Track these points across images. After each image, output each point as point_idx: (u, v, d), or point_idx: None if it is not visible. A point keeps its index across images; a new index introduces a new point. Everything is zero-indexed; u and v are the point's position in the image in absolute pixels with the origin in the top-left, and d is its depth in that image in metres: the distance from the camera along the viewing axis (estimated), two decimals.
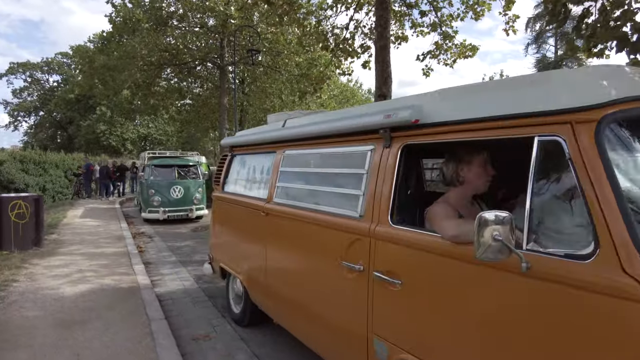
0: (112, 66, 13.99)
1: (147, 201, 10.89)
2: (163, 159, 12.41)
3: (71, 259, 6.39)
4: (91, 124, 36.79)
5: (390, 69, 7.34)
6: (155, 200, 10.76)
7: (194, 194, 11.40)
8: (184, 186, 11.25)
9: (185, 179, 11.56)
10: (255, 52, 15.01)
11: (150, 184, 11.04)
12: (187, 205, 11.22)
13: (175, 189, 11.04)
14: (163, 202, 10.89)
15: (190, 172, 11.89)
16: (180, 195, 11.09)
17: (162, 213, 10.74)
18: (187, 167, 12.04)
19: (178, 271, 6.09)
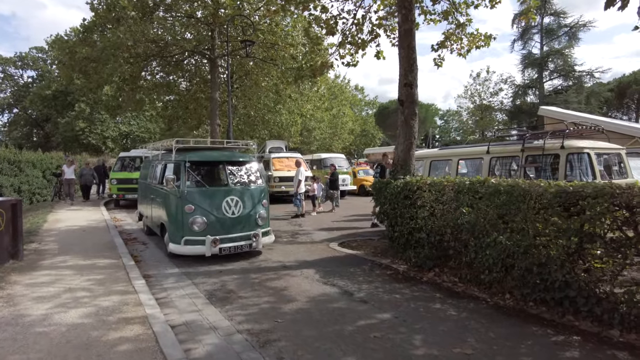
0: (95, 57, 12.87)
1: (182, 225, 6.54)
2: (204, 153, 7.66)
3: (57, 274, 5.48)
4: (70, 122, 35.11)
5: (416, 55, 6.65)
6: (197, 222, 6.47)
7: (257, 209, 7.08)
8: (243, 196, 6.94)
9: (242, 185, 7.21)
10: (250, 43, 14.13)
11: (187, 195, 6.58)
12: (250, 228, 6.90)
13: (230, 201, 6.73)
14: (212, 225, 6.55)
15: (248, 173, 7.52)
16: (238, 211, 6.80)
17: (212, 245, 6.40)
18: (242, 164, 7.57)
19: (184, 286, 5.27)
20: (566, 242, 4.14)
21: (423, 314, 4.34)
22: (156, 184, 7.89)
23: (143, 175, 9.74)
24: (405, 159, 6.56)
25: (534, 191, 4.41)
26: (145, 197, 8.92)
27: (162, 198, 7.27)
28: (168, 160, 7.48)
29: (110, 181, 14.69)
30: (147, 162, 9.57)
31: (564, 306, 4.17)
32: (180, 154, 7.14)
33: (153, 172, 8.47)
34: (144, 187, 9.29)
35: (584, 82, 35.57)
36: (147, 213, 8.77)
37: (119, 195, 14.47)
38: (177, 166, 6.99)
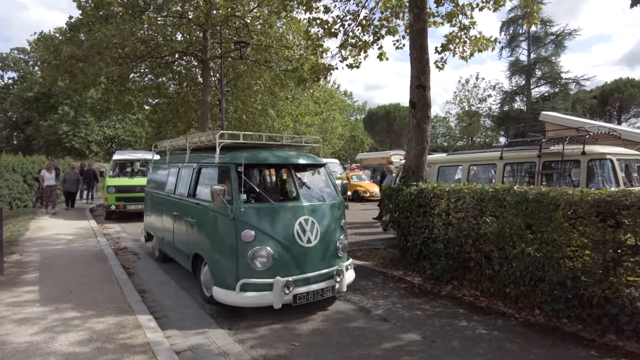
0: (81, 56, 12.27)
1: (237, 260, 4.31)
2: (261, 153, 5.08)
3: (43, 291, 4.96)
4: (52, 125, 34.01)
5: (429, 56, 6.35)
6: (262, 256, 4.29)
7: (337, 234, 4.89)
8: (320, 216, 4.73)
9: (317, 199, 4.98)
10: (244, 44, 13.72)
11: (245, 215, 4.36)
12: (330, 262, 4.70)
13: (304, 223, 4.54)
14: (281, 260, 4.37)
15: (320, 182, 5.36)
16: (315, 238, 4.57)
17: (284, 291, 4.19)
18: (313, 168, 5.40)
19: (185, 304, 4.81)
20: (604, 255, 3.85)
21: (451, 333, 3.99)
22: (185, 195, 5.41)
23: (153, 182, 7.29)
24: (418, 165, 6.24)
25: (567, 199, 4.11)
26: (159, 212, 6.57)
27: (199, 218, 4.89)
28: (204, 162, 5.23)
29: (105, 189, 12.08)
30: (159, 166, 7.29)
31: (603, 324, 3.86)
32: (225, 154, 4.82)
33: (176, 179, 6.02)
34: (156, 199, 6.81)
35: (569, 89, 36.30)
36: (163, 234, 6.38)
37: (120, 207, 11.88)
38: (223, 171, 4.73)
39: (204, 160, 5.29)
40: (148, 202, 7.41)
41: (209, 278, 4.66)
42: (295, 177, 5.00)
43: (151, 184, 7.40)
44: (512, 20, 32.61)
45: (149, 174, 7.71)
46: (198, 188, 5.23)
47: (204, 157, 5.37)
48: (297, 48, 15.85)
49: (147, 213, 7.41)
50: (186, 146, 5.81)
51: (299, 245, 4.42)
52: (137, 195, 11.29)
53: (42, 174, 13.00)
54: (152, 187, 7.28)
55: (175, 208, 5.72)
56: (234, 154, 4.78)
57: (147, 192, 7.49)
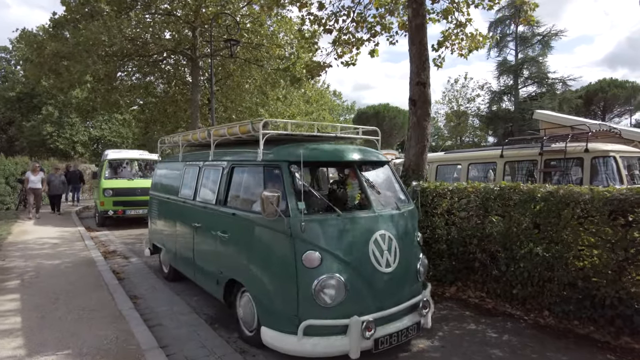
0: (66, 54, 11.87)
1: (297, 294, 3.15)
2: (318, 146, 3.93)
3: (27, 300, 4.68)
4: (36, 125, 33.16)
5: (429, 52, 6.22)
6: (331, 287, 3.12)
7: (417, 252, 3.85)
8: (397, 230, 3.58)
9: (390, 207, 3.75)
10: (234, 42, 13.46)
11: (308, 231, 3.19)
12: (412, 290, 3.63)
13: (381, 240, 3.39)
14: (356, 292, 3.20)
15: (390, 185, 4.14)
16: (395, 260, 3.43)
17: (363, 334, 3.04)
18: (381, 167, 4.19)
19: (180, 310, 4.57)
20: (617, 255, 3.74)
21: (460, 337, 3.84)
22: (211, 203, 4.22)
23: (161, 185, 5.99)
24: (418, 164, 6.09)
25: (578, 198, 4.00)
26: (171, 221, 5.39)
27: (237, 233, 3.77)
28: (240, 160, 4.08)
29: (100, 192, 10.71)
30: (169, 165, 5.94)
31: (617, 325, 3.75)
32: (270, 149, 3.64)
33: (195, 181, 4.76)
34: (166, 205, 5.57)
35: (556, 89, 36.88)
36: (176, 248, 5.19)
37: (118, 212, 10.63)
38: (270, 172, 3.61)
39: (239, 158, 4.11)
40: (154, 209, 6.08)
41: (251, 312, 3.54)
42: (363, 178, 3.73)
43: (158, 187, 6.06)
44: (500, 21, 32.92)
45: (155, 175, 6.45)
46: (231, 193, 4.05)
47: (237, 154, 4.20)
48: (288, 47, 15.65)
49: (154, 221, 6.09)
50: (209, 140, 4.54)
51: (377, 271, 3.27)
52: (138, 198, 10.50)
53: (26, 175, 12.19)
54: (160, 191, 5.93)
55: (197, 218, 4.48)
56: (283, 149, 3.63)
57: (153, 197, 6.15)
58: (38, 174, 12.30)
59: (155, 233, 6.10)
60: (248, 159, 3.96)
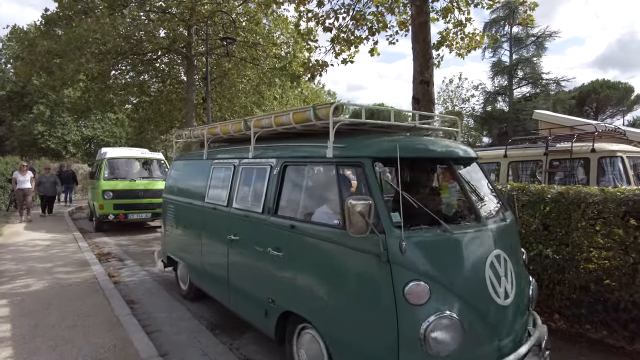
0: (58, 52, 11.62)
1: (396, 339, 2.25)
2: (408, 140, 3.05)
3: (18, 305, 4.49)
4: (27, 125, 32.68)
5: (432, 50, 6.11)
6: (445, 331, 2.25)
7: (526, 275, 3.08)
8: (509, 248, 2.77)
9: (494, 218, 2.87)
10: (230, 40, 13.29)
11: (410, 254, 2.31)
12: (526, 327, 2.79)
13: (496, 263, 2.56)
14: (472, 336, 2.33)
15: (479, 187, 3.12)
16: (512, 288, 2.61)
17: None
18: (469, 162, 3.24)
19: (180, 316, 4.40)
20: (631, 257, 3.65)
21: None
22: (257, 212, 3.32)
23: (179, 187, 5.11)
24: None
25: (589, 199, 3.90)
26: (194, 230, 4.49)
27: (301, 252, 2.92)
28: (298, 156, 3.18)
29: (99, 194, 9.70)
30: (189, 164, 5.03)
31: (630, 330, 3.66)
32: (341, 142, 2.78)
33: (230, 183, 3.84)
34: (187, 211, 4.68)
35: (550, 90, 37.17)
36: (202, 264, 4.25)
37: (120, 216, 9.76)
38: (348, 172, 2.92)
39: (295, 154, 3.18)
40: (170, 215, 5.15)
41: (317, 356, 2.73)
42: (463, 180, 2.87)
43: (175, 190, 5.14)
44: (494, 21, 33.04)
45: (170, 176, 5.49)
46: (285, 199, 3.14)
47: (291, 149, 3.27)
48: (285, 46, 15.51)
49: (169, 230, 5.19)
50: (248, 133, 3.64)
51: (495, 304, 2.46)
52: (141, 201, 9.90)
53: (14, 176, 11.54)
54: (177, 194, 5.02)
55: (233, 229, 3.59)
56: (363, 142, 2.77)
57: (169, 201, 5.22)
58: (26, 173, 11.62)
59: (171, 243, 5.17)
60: (310, 155, 3.02)
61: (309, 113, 2.91)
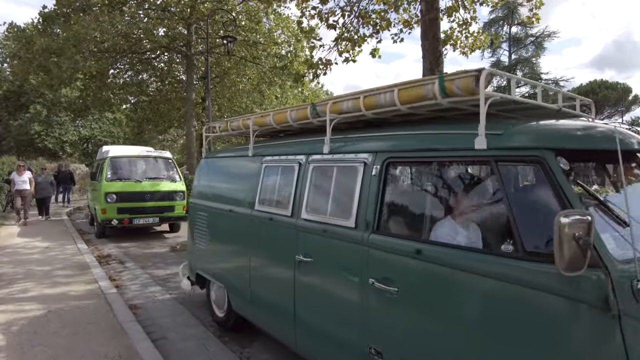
0: (56, 50, 11.43)
1: None
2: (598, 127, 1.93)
3: (18, 312, 4.31)
4: (23, 124, 32.41)
5: (442, 47, 5.97)
6: None
7: None
8: None
9: None
10: (231, 39, 13.12)
11: None
12: None
13: None
14: None
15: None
16: None
17: None
18: None
19: (185, 321, 4.23)
20: None
21: None
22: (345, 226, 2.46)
23: (213, 190, 4.29)
24: None
25: None
26: (240, 245, 3.62)
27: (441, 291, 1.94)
28: (415, 149, 2.26)
29: (102, 197, 8.77)
30: (229, 162, 4.18)
31: None
32: (497, 127, 1.87)
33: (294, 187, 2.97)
34: (230, 221, 3.76)
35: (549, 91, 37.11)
36: (253, 288, 3.38)
37: (124, 221, 8.84)
38: (518, 171, 2.15)
39: (410, 146, 2.28)
40: (202, 224, 4.23)
41: None
42: None
43: (208, 194, 4.28)
44: (493, 21, 33.02)
45: (200, 176, 4.59)
46: (394, 211, 2.36)
47: (395, 139, 2.40)
48: (286, 45, 15.36)
49: (200, 242, 4.24)
50: (318, 122, 2.87)
51: None
52: (147, 204, 9.12)
53: (12, 177, 10.99)
54: (212, 199, 4.14)
55: (303, 247, 2.76)
56: (534, 126, 1.89)
57: (200, 207, 4.32)
58: (24, 174, 10.98)
59: (202, 258, 4.22)
60: (441, 146, 2.09)
61: (430, 87, 2.05)
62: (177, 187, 9.62)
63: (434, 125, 2.32)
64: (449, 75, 1.99)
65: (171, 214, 9.43)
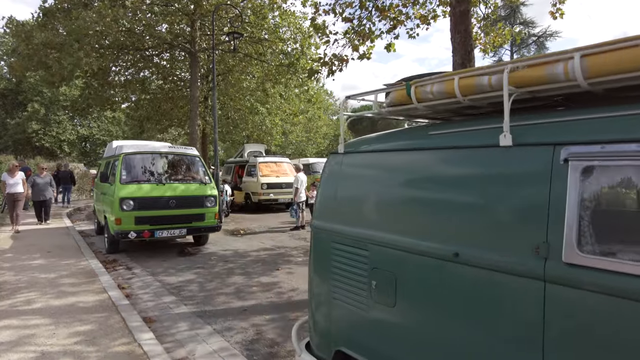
0: (57, 45, 11.00)
1: None
2: None
3: (23, 327, 3.92)
4: (21, 123, 31.94)
5: (473, 42, 5.62)
6: None
7: None
8: None
9: None
10: (237, 35, 12.74)
11: None
12: None
13: None
14: None
15: None
16: None
17: None
18: None
19: (203, 336, 3.86)
20: None
21: None
22: None
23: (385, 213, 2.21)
24: None
25: None
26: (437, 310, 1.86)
27: None
28: None
29: (116, 204, 7.10)
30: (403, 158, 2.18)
31: None
32: None
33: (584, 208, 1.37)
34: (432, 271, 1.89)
35: None
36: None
37: (144, 234, 7.16)
38: None
39: None
40: (343, 265, 2.34)
41: None
42: None
43: (355, 214, 2.36)
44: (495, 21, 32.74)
45: (331, 182, 2.59)
46: None
47: None
48: (292, 41, 14.98)
49: (353, 299, 2.26)
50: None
51: None
52: (172, 213, 7.47)
53: (2, 178, 9.75)
54: (363, 224, 2.28)
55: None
56: None
57: (350, 238, 2.32)
58: (17, 174, 9.66)
59: (346, 323, 2.33)
60: None
61: None
62: (207, 191, 7.97)
63: None
64: None
65: (201, 223, 7.80)
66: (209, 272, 6.30)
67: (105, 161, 9.25)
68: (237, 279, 5.91)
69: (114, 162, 8.03)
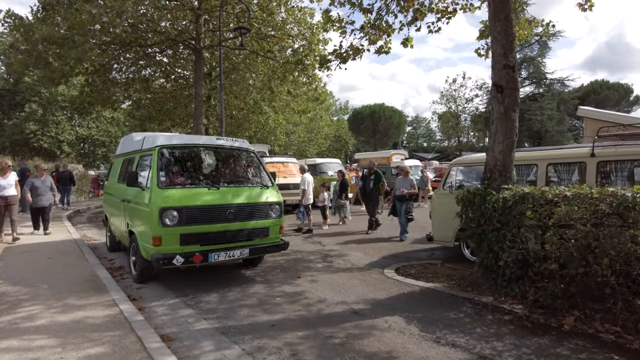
0: (58, 40, 10.50)
1: None
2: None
3: (23, 350, 3.44)
4: (18, 123, 31.38)
5: (514, 31, 5.19)
6: None
7: None
8: None
9: None
10: (245, 30, 12.29)
11: None
12: None
13: None
14: None
15: None
16: None
17: None
18: None
19: (232, 358, 3.38)
20: None
21: None
22: None
23: None
24: (505, 163, 5.04)
25: None
26: None
27: None
28: None
29: (155, 217, 4.97)
30: None
31: None
32: None
33: None
34: None
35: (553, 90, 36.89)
36: None
37: (194, 258, 5.01)
38: None
39: None
40: None
41: None
42: None
43: None
44: None
45: None
46: None
47: None
48: (300, 38, 14.53)
49: None
50: None
51: None
52: (232, 227, 5.42)
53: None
54: None
55: None
56: None
57: None
58: (9, 175, 8.48)
59: None
60: None
61: None
62: (271, 197, 5.91)
63: None
64: None
65: (264, 241, 5.77)
66: (226, 280, 5.83)
67: (123, 157, 7.20)
68: (258, 287, 5.45)
69: (142, 158, 6.03)
